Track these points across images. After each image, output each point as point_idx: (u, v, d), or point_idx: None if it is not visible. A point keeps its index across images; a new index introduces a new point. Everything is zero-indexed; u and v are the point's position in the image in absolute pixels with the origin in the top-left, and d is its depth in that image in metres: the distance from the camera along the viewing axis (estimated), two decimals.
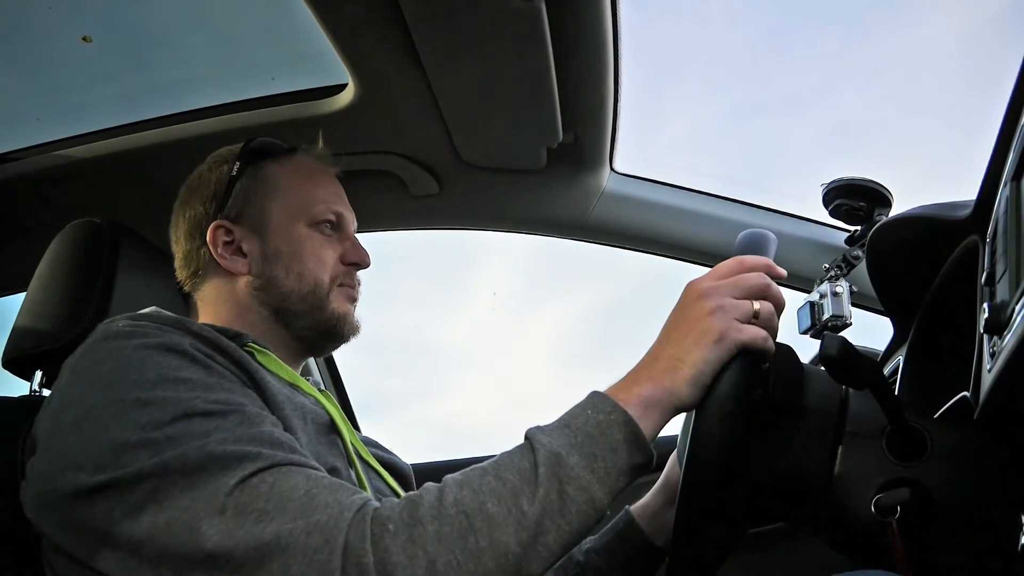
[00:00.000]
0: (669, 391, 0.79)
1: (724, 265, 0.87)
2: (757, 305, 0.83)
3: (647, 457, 0.79)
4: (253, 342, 0.98)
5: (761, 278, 0.85)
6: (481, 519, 0.71)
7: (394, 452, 1.17)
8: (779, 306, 0.85)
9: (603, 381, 0.83)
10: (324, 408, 1.00)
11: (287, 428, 0.87)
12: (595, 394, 0.81)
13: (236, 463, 0.74)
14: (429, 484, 0.76)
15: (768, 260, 0.87)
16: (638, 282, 1.75)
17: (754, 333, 0.81)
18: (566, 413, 0.80)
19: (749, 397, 0.81)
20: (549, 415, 0.81)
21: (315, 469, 0.78)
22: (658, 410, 0.79)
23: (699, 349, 0.80)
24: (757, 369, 0.82)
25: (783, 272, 0.88)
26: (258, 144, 1.13)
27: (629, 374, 0.83)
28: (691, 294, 0.84)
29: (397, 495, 1.05)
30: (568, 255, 1.82)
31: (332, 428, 0.98)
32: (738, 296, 0.83)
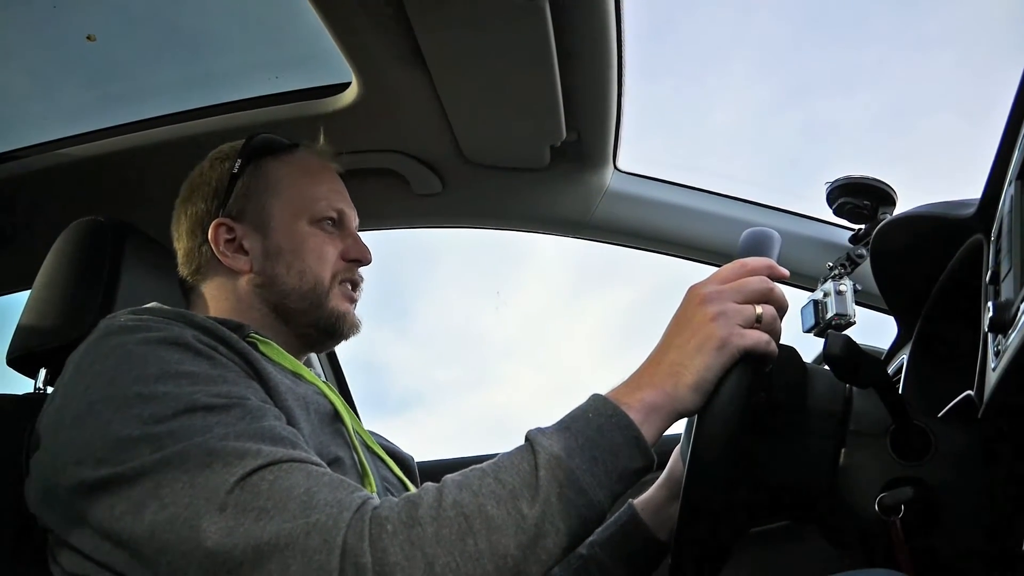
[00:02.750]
0: (671, 397, 0.79)
1: (726, 268, 0.86)
2: (759, 309, 0.82)
3: (648, 461, 0.78)
4: (255, 333, 0.98)
5: (763, 282, 0.84)
6: (480, 521, 0.71)
7: (395, 443, 1.17)
8: (782, 309, 0.85)
9: None
10: (327, 397, 1.00)
11: (290, 420, 0.87)
12: (596, 397, 0.80)
13: (237, 460, 0.74)
14: (428, 484, 0.76)
15: (770, 261, 0.87)
16: (691, 269, 1.75)
17: (756, 338, 0.80)
18: (567, 416, 0.80)
19: (752, 401, 0.81)
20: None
21: (316, 465, 0.78)
22: (660, 416, 0.79)
23: (701, 355, 0.79)
24: (760, 373, 0.82)
25: (786, 272, 0.87)
26: (259, 141, 1.12)
27: (631, 378, 0.82)
28: (693, 299, 0.84)
29: (402, 483, 1.05)
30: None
31: (335, 417, 0.98)
32: (740, 301, 0.82)
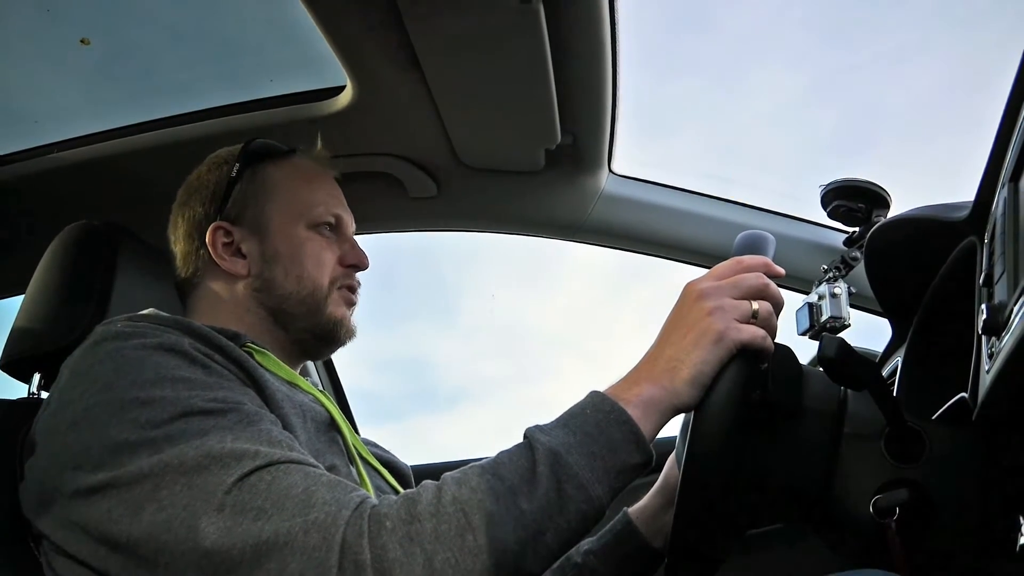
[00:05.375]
0: (669, 391, 0.79)
1: (722, 265, 0.87)
2: (756, 305, 0.83)
3: (646, 457, 0.78)
4: (251, 342, 0.98)
5: (759, 278, 0.85)
6: (479, 517, 0.71)
7: (392, 452, 1.17)
8: (778, 305, 0.86)
9: None
10: (323, 406, 1.00)
11: (286, 426, 0.87)
12: (595, 393, 0.81)
13: (235, 461, 0.74)
14: (427, 482, 0.76)
15: (766, 259, 0.87)
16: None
17: (753, 332, 0.81)
18: (565, 412, 0.80)
19: (748, 397, 0.81)
20: None
21: (313, 466, 0.78)
22: (658, 410, 0.79)
23: (698, 350, 0.80)
24: (756, 369, 0.82)
25: (781, 271, 0.88)
26: (257, 146, 1.13)
27: (629, 374, 0.82)
28: (690, 295, 0.84)
29: (397, 493, 1.05)
30: None
31: (331, 426, 0.98)
32: (737, 296, 0.83)
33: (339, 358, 2.13)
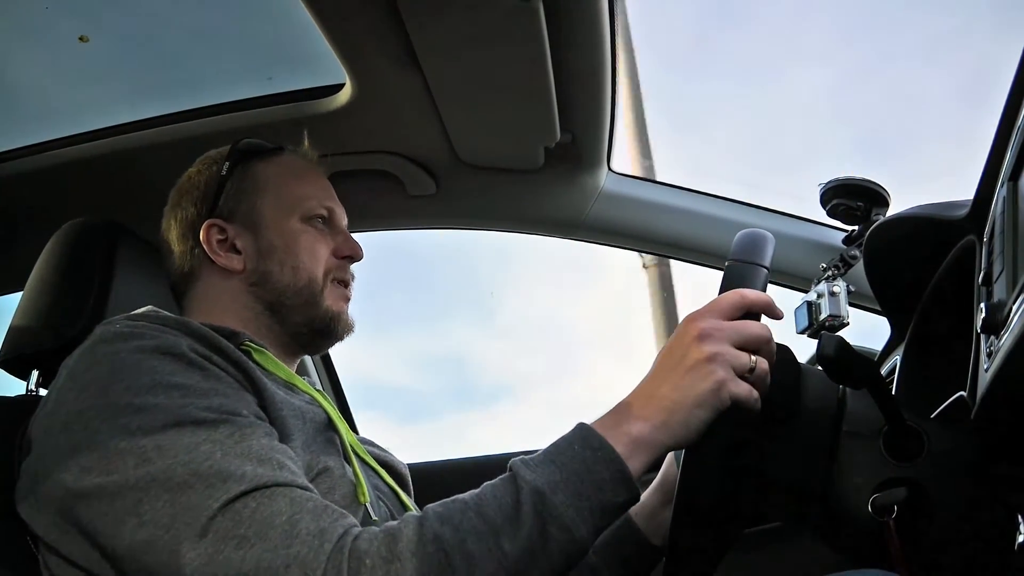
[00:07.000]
0: (660, 431, 0.78)
1: (725, 299, 0.83)
2: (754, 359, 0.80)
3: (633, 495, 0.77)
4: (250, 340, 0.98)
5: (764, 329, 0.82)
6: (460, 558, 0.70)
7: (390, 451, 1.17)
8: (772, 363, 0.83)
9: None
10: (321, 407, 0.99)
11: (284, 431, 0.87)
12: (583, 428, 0.79)
13: (220, 483, 0.74)
14: (409, 516, 0.75)
15: (770, 299, 0.84)
16: None
17: (748, 391, 0.79)
18: (552, 446, 0.78)
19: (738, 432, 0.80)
20: None
21: (301, 488, 0.77)
22: (647, 450, 0.77)
23: (695, 394, 0.77)
24: (744, 419, 0.81)
25: (782, 314, 0.85)
26: (246, 145, 1.13)
27: (620, 408, 0.80)
28: (690, 330, 0.81)
29: (394, 492, 1.05)
30: None
31: (329, 426, 0.98)
32: (738, 345, 0.80)
33: (380, 357, 2.12)
